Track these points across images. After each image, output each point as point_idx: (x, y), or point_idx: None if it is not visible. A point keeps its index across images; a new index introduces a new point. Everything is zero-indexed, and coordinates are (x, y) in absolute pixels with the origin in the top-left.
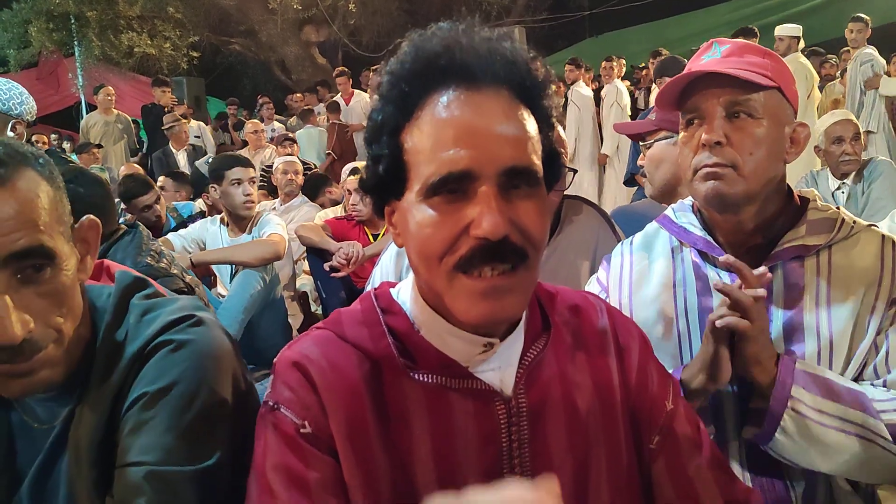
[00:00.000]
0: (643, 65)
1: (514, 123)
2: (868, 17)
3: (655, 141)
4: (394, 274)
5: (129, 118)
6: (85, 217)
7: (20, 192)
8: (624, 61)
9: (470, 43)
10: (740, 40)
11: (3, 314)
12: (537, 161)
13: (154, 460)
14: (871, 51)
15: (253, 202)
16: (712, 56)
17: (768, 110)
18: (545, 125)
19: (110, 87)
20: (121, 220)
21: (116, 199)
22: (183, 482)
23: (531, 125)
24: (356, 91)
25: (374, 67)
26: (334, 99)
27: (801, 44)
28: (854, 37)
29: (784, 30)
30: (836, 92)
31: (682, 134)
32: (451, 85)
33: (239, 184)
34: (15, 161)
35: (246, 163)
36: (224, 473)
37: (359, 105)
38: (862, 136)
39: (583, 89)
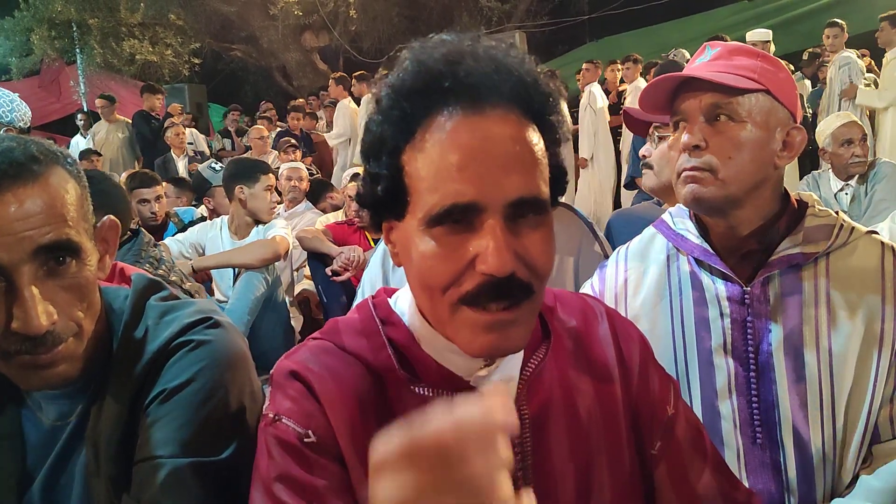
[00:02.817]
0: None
1: (522, 150)
2: (843, 22)
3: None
4: (380, 276)
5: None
6: (106, 217)
7: (51, 188)
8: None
9: (474, 59)
10: (733, 42)
11: (30, 304)
12: (545, 188)
13: (169, 454)
14: (849, 54)
15: (275, 209)
16: (702, 59)
17: (754, 113)
18: (553, 142)
19: (112, 95)
20: None
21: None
22: (196, 475)
23: (539, 147)
24: (345, 100)
25: (361, 75)
26: (310, 109)
27: (773, 48)
28: (831, 42)
29: (755, 35)
30: None
31: (670, 136)
32: (456, 106)
33: (270, 190)
34: (47, 159)
35: (273, 171)
36: (237, 468)
37: (340, 113)
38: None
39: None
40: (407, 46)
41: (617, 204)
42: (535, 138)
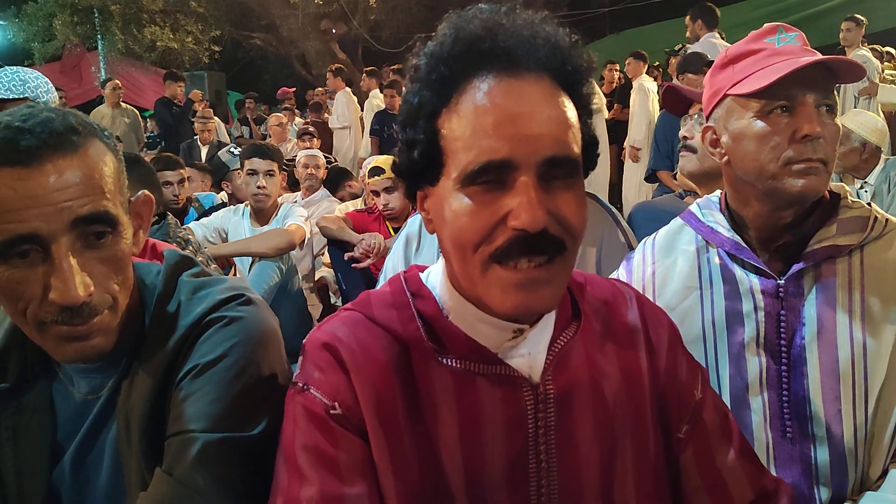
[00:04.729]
0: (657, 63)
1: (556, 112)
2: (863, 18)
3: None
4: (403, 262)
5: (137, 111)
6: (141, 192)
7: (90, 160)
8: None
9: (512, 26)
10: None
11: (67, 275)
12: (577, 150)
13: (201, 428)
14: (865, 52)
15: (266, 195)
16: (788, 42)
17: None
18: (584, 112)
19: (117, 81)
20: None
21: None
22: (228, 450)
23: (571, 113)
24: (344, 90)
25: (395, 66)
26: (316, 100)
27: None
28: (844, 36)
29: None
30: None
31: (758, 122)
32: (492, 70)
33: (253, 174)
34: (86, 131)
35: (266, 154)
36: (269, 444)
37: (339, 103)
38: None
39: None
40: (445, 18)
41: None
42: (568, 105)
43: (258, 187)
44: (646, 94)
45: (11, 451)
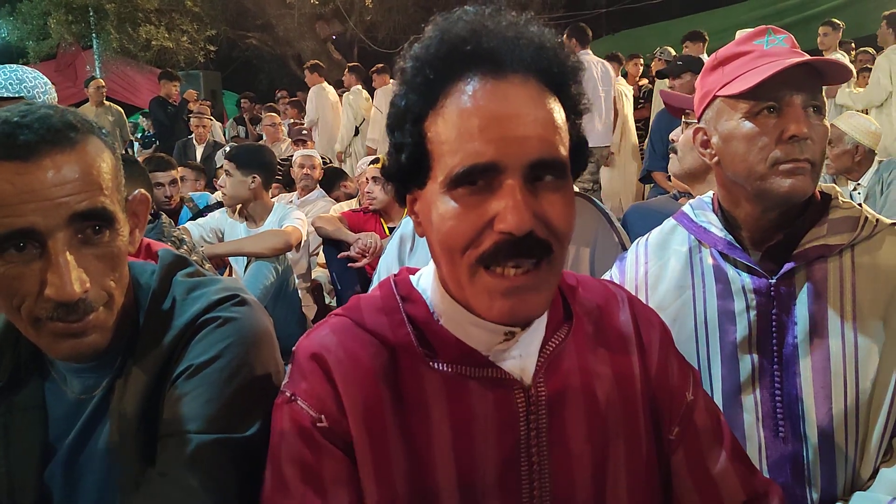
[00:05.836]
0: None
1: (542, 114)
2: (840, 23)
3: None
4: (396, 263)
5: (121, 110)
6: (137, 191)
7: (88, 156)
8: None
9: (497, 28)
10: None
11: (63, 270)
12: (564, 152)
13: (195, 429)
14: (841, 56)
15: (224, 193)
16: (777, 44)
17: (824, 107)
18: (573, 113)
19: (101, 80)
20: None
21: None
22: (221, 451)
23: (559, 114)
24: (316, 87)
25: (379, 66)
26: (296, 98)
27: None
28: (821, 40)
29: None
30: None
31: (746, 123)
32: (478, 72)
33: (228, 175)
34: (84, 127)
35: (227, 155)
36: (261, 445)
37: (311, 98)
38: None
39: None
40: (431, 21)
41: (639, 198)
42: (556, 106)
43: (219, 186)
44: (618, 99)
45: (3, 450)
